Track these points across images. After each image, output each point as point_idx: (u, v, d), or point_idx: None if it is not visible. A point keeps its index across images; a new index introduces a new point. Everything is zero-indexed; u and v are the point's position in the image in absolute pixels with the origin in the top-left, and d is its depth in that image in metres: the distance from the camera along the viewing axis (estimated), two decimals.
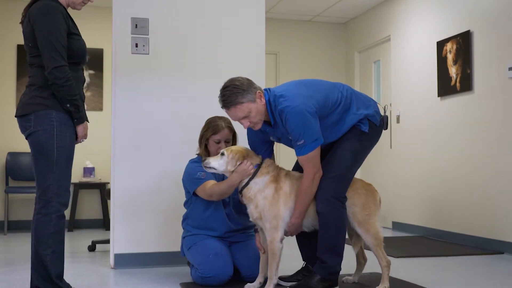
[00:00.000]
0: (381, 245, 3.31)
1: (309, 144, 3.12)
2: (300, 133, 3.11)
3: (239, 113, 3.16)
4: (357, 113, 3.28)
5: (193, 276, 3.63)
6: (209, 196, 3.51)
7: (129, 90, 4.32)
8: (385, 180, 7.19)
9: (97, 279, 3.90)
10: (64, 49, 2.91)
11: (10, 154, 6.95)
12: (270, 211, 3.22)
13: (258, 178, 3.26)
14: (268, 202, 3.22)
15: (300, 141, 3.12)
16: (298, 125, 3.10)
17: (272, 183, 3.25)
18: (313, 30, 8.21)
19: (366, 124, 3.30)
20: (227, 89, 3.16)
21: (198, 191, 3.58)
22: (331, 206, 3.19)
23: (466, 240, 5.51)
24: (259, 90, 3.20)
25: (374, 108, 3.37)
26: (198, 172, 3.59)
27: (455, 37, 5.78)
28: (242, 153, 3.29)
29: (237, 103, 3.13)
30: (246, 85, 3.17)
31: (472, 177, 5.52)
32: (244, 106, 3.14)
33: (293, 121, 3.10)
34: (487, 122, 5.35)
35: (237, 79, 3.21)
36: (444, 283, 3.71)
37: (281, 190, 3.25)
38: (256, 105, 3.16)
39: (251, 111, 3.15)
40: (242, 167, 3.25)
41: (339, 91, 3.29)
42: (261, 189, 3.25)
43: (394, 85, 7.02)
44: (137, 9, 4.34)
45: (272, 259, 3.24)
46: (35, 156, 2.95)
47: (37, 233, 2.92)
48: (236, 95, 3.13)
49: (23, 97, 3.00)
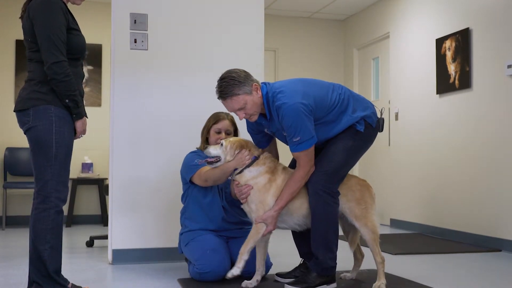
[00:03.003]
0: (378, 240, 3.32)
1: (305, 141, 3.15)
2: (296, 131, 3.13)
3: (235, 105, 3.19)
4: (353, 116, 3.29)
5: (190, 272, 3.63)
6: (204, 181, 3.54)
7: (127, 85, 4.32)
8: (383, 177, 7.20)
9: (94, 274, 3.90)
10: (63, 44, 2.90)
11: (8, 150, 6.95)
12: (256, 196, 3.26)
13: (253, 167, 3.30)
14: (257, 188, 3.26)
15: (296, 138, 3.14)
16: (294, 123, 3.12)
17: (266, 173, 3.29)
18: (312, 27, 8.21)
19: (362, 124, 3.31)
20: (224, 81, 3.20)
21: (194, 178, 3.61)
22: (321, 200, 3.20)
23: (464, 237, 5.52)
24: (256, 82, 3.24)
25: (371, 110, 3.38)
26: (196, 160, 3.63)
27: (454, 34, 5.78)
28: (241, 143, 3.34)
29: (233, 95, 3.17)
30: (242, 77, 3.20)
31: (470, 175, 5.52)
32: (240, 98, 3.17)
33: (289, 118, 3.12)
34: (486, 120, 5.35)
35: (234, 71, 3.24)
36: (441, 280, 3.72)
37: (274, 182, 3.28)
38: (252, 97, 3.19)
39: (247, 103, 3.18)
40: (239, 155, 3.30)
41: (337, 92, 3.31)
42: (254, 176, 3.28)
43: (392, 82, 7.02)
44: (136, 5, 4.34)
45: (252, 236, 3.25)
46: (33, 151, 2.94)
47: (35, 228, 2.92)
48: (232, 87, 3.16)
49: (22, 92, 2.99)
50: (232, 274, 3.27)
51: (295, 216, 3.32)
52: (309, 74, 8.03)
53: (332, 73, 8.19)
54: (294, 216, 3.32)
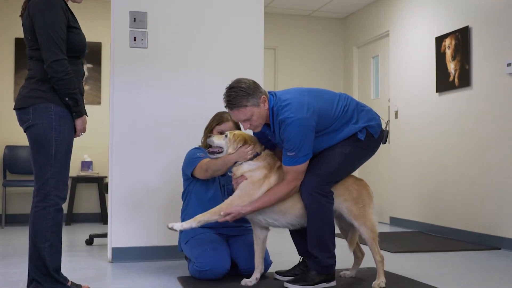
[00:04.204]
0: (377, 239, 3.32)
1: (299, 158, 3.14)
2: (294, 146, 3.12)
3: (241, 116, 3.17)
4: (355, 126, 3.29)
5: (190, 270, 3.64)
6: (205, 172, 3.52)
7: (127, 84, 4.31)
8: (383, 175, 7.20)
9: (94, 272, 3.90)
10: (63, 42, 2.90)
11: (8, 148, 6.95)
12: (247, 188, 3.24)
13: (253, 162, 3.30)
14: (250, 181, 3.25)
15: (291, 153, 3.13)
16: (295, 138, 3.11)
17: (264, 169, 3.29)
18: (312, 25, 8.20)
19: (364, 132, 3.31)
20: (233, 90, 3.16)
21: (195, 170, 3.61)
22: (315, 201, 3.20)
23: (463, 235, 5.52)
24: (264, 94, 3.20)
25: (376, 121, 3.38)
26: (198, 153, 3.64)
27: (454, 32, 5.78)
28: (244, 138, 3.33)
29: (241, 106, 3.14)
30: (252, 88, 3.17)
31: (470, 173, 5.52)
32: (248, 110, 3.15)
33: (291, 132, 3.11)
34: (485, 118, 5.35)
35: (244, 81, 3.20)
36: (441, 278, 3.72)
37: (268, 179, 3.27)
38: (259, 110, 3.17)
39: (254, 115, 3.17)
40: (242, 149, 3.29)
41: (342, 104, 3.29)
42: (252, 169, 3.28)
43: (392, 80, 7.02)
44: (136, 3, 4.33)
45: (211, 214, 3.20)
46: (33, 149, 2.94)
47: (35, 226, 2.92)
48: (241, 98, 3.13)
49: (22, 90, 2.99)
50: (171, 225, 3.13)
51: (288, 216, 3.31)
52: (308, 73, 8.05)
53: (332, 71, 8.19)
54: (286, 216, 3.31)
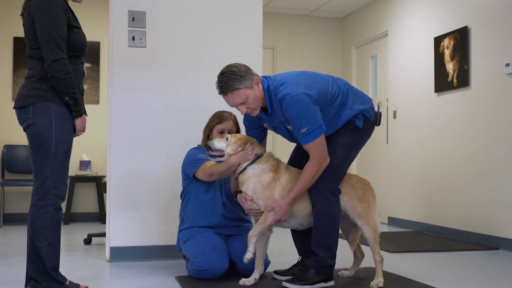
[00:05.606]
0: (378, 239, 3.34)
1: (314, 131, 3.11)
2: (302, 121, 3.10)
3: (236, 99, 3.17)
4: (353, 108, 3.29)
5: (188, 269, 3.64)
6: (209, 176, 3.52)
7: (126, 83, 4.31)
8: (381, 175, 7.21)
9: (92, 272, 3.90)
10: (63, 41, 2.90)
11: (6, 147, 6.93)
12: (263, 193, 3.25)
13: (256, 165, 3.30)
14: (261, 186, 3.25)
15: (304, 129, 3.11)
16: (300, 113, 3.10)
17: (270, 172, 3.28)
18: (311, 25, 8.20)
19: (361, 119, 3.31)
20: (224, 75, 3.17)
21: (198, 172, 3.60)
22: (323, 198, 3.20)
23: (461, 235, 5.53)
24: (256, 76, 3.22)
25: (369, 104, 3.39)
26: (200, 154, 3.63)
27: (453, 33, 5.78)
28: (245, 141, 3.33)
29: (234, 89, 3.15)
30: (243, 71, 3.18)
31: (468, 173, 5.53)
32: (241, 92, 3.15)
33: (294, 109, 3.10)
34: (484, 118, 5.36)
35: (234, 65, 3.22)
36: (439, 278, 3.72)
37: (279, 180, 3.27)
38: (254, 91, 3.17)
39: (248, 97, 3.16)
40: (243, 152, 3.29)
41: (337, 85, 3.30)
42: (257, 174, 3.27)
43: (391, 80, 7.03)
44: (134, 2, 4.33)
45: (260, 223, 3.25)
46: (33, 148, 2.94)
47: (34, 225, 2.92)
48: (233, 81, 3.14)
49: (22, 89, 2.99)
50: (247, 259, 3.25)
51: (299, 217, 3.32)
52: None
53: (331, 71, 8.15)
54: (298, 217, 3.32)
